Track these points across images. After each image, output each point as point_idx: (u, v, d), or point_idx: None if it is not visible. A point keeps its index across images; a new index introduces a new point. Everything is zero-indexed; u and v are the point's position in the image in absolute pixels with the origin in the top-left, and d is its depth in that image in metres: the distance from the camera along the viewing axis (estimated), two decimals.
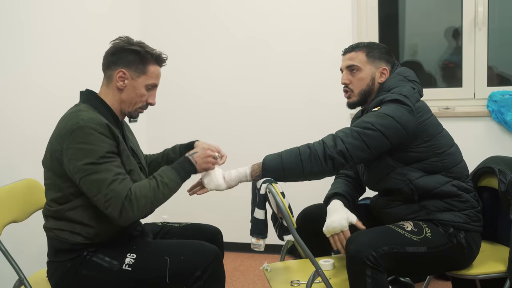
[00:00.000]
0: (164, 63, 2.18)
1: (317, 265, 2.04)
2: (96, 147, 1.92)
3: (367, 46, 2.33)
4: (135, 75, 2.09)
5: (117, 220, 1.93)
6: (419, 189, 2.16)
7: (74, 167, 1.93)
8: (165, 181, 2.00)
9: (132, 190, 1.93)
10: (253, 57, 3.86)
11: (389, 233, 2.07)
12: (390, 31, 3.94)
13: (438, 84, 3.82)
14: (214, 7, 3.92)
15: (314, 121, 3.71)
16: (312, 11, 3.71)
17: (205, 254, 2.04)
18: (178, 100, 4.07)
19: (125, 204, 1.91)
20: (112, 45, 2.13)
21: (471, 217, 2.17)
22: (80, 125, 1.93)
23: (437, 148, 2.17)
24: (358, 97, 2.32)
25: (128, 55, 2.08)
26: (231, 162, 2.34)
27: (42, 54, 3.04)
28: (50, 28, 3.11)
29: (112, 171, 1.93)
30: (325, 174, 2.12)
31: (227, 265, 3.69)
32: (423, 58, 3.89)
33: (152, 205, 1.99)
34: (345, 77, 2.33)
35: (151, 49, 2.12)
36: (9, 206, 2.27)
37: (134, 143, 2.32)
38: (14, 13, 2.83)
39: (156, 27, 4.06)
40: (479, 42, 3.48)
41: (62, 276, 2.04)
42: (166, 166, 2.08)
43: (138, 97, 2.12)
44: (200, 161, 2.11)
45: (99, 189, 1.91)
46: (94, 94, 2.13)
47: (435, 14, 3.86)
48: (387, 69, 2.31)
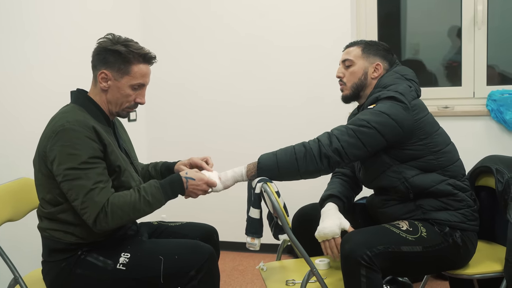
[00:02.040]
0: (151, 61, 2.11)
1: (312, 265, 2.03)
2: (79, 151, 1.91)
3: (365, 43, 2.37)
4: (118, 76, 2.05)
5: (91, 227, 1.93)
6: (414, 188, 2.14)
7: (56, 170, 1.93)
8: (148, 198, 1.97)
9: (109, 202, 1.92)
10: (253, 55, 3.85)
11: (384, 233, 2.06)
12: (391, 30, 3.93)
13: (442, 83, 3.79)
14: (214, 4, 3.91)
15: (315, 118, 3.69)
16: (311, 9, 3.69)
17: (200, 254, 2.03)
18: (177, 99, 4.06)
19: (100, 215, 1.90)
20: (98, 45, 2.08)
21: (467, 216, 2.16)
22: (65, 127, 1.93)
23: (433, 146, 2.16)
24: (350, 90, 2.33)
25: (110, 55, 2.03)
26: (232, 161, 2.34)
27: (42, 52, 3.04)
28: (51, 26, 3.11)
29: (92, 179, 1.91)
30: (320, 173, 2.11)
31: (225, 265, 3.71)
32: (425, 57, 3.87)
33: (129, 219, 1.98)
34: (339, 71, 2.38)
35: (137, 48, 2.05)
36: (4, 205, 2.27)
37: (127, 143, 2.31)
38: (15, 11, 2.83)
39: (156, 26, 4.06)
40: (479, 41, 3.47)
41: (56, 275, 2.04)
42: (155, 182, 2.03)
43: (123, 98, 2.08)
44: (192, 189, 2.06)
45: (77, 195, 1.91)
46: (84, 94, 2.11)
47: (436, 13, 3.84)
48: (380, 64, 2.31)
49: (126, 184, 2.05)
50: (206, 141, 3.99)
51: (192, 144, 4.01)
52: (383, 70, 2.32)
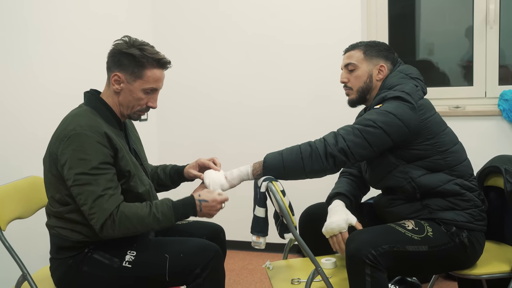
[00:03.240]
0: (165, 66, 2.11)
1: (317, 263, 2.03)
2: (90, 156, 1.93)
3: (365, 45, 2.34)
4: (131, 79, 2.05)
5: (98, 233, 1.95)
6: (421, 187, 2.13)
7: (66, 174, 1.95)
8: (158, 215, 1.98)
9: (119, 210, 1.94)
10: (263, 55, 3.85)
11: (389, 232, 2.06)
12: (405, 29, 3.91)
13: (457, 83, 3.73)
14: (223, 5, 3.92)
15: (325, 117, 3.68)
16: (320, 7, 3.68)
17: (205, 252, 2.03)
18: (187, 100, 4.08)
19: (108, 222, 1.92)
20: (113, 47, 2.09)
21: (474, 216, 2.14)
22: (77, 132, 1.94)
23: (440, 146, 2.14)
24: (356, 94, 2.32)
25: (124, 58, 2.04)
26: (242, 161, 2.33)
27: (49, 54, 3.06)
28: (57, 27, 3.13)
29: (101, 185, 1.93)
30: (326, 172, 2.11)
31: (235, 264, 3.71)
32: (440, 57, 3.85)
33: (135, 231, 1.99)
34: (343, 76, 2.36)
35: (151, 52, 2.05)
36: (14, 203, 2.29)
37: (137, 144, 2.32)
38: (26, 14, 2.86)
39: (167, 27, 4.07)
40: (491, 40, 3.44)
41: (64, 273, 2.06)
42: (168, 201, 2.04)
43: (135, 101, 2.09)
44: (205, 210, 2.07)
45: (86, 200, 1.93)
46: (96, 96, 2.13)
47: (450, 12, 3.81)
48: (384, 66, 2.30)
49: (134, 189, 2.07)
50: (217, 141, 4.00)
51: (203, 145, 4.02)
52: (388, 71, 2.31)
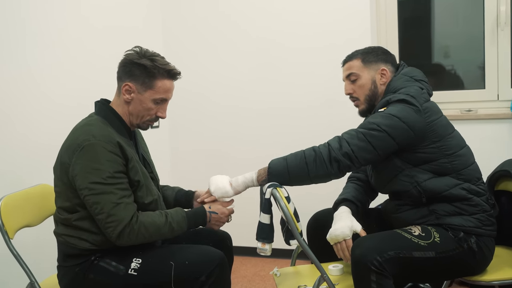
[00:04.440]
0: (175, 77, 2.15)
1: (322, 270, 2.02)
2: (105, 166, 1.95)
3: (362, 53, 2.33)
4: (142, 89, 2.09)
5: (113, 241, 1.98)
6: (427, 192, 2.10)
7: (80, 184, 1.97)
8: (173, 225, 2.06)
9: (138, 220, 1.99)
10: (270, 59, 3.85)
11: (395, 238, 2.03)
12: (417, 32, 3.87)
13: (473, 86, 3.66)
14: (228, 9, 3.93)
15: (333, 120, 3.65)
16: (329, 8, 3.66)
17: (210, 259, 2.03)
18: (197, 107, 4.09)
19: (126, 230, 1.95)
20: (124, 57, 2.13)
21: (483, 221, 2.10)
22: (91, 142, 1.96)
23: (447, 149, 2.11)
24: (365, 104, 2.31)
25: (136, 69, 2.07)
26: (253, 165, 2.34)
27: (58, 67, 3.08)
28: (70, 39, 3.16)
29: (117, 194, 1.96)
30: (330, 177, 2.09)
31: (247, 270, 3.70)
32: (455, 60, 3.81)
33: (151, 239, 2.05)
34: (348, 87, 2.34)
35: (162, 63, 2.09)
36: (22, 211, 2.32)
37: (146, 153, 2.34)
38: (41, 24, 2.90)
39: (174, 35, 4.10)
40: (502, 42, 3.40)
41: (70, 280, 2.07)
42: (181, 211, 2.14)
43: (145, 111, 2.12)
44: (214, 222, 2.21)
45: (103, 209, 1.95)
46: (107, 105, 2.15)
47: (463, 15, 3.77)
48: (386, 69, 2.28)
49: (140, 199, 2.08)
50: (226, 146, 4.02)
51: (213, 150, 4.05)
52: (390, 73, 2.29)
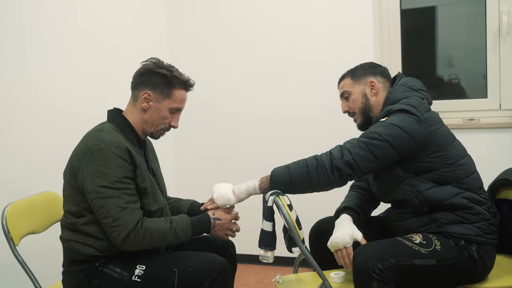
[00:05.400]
0: (191, 88, 2.24)
1: (324, 277, 2.04)
2: (113, 171, 1.99)
3: (351, 71, 2.42)
4: (160, 98, 2.15)
5: (118, 245, 2.00)
6: (428, 201, 2.12)
7: (88, 187, 2.00)
8: (177, 231, 2.09)
9: (144, 225, 2.01)
10: (274, 69, 3.87)
11: (396, 245, 2.05)
12: (421, 42, 3.90)
13: (479, 95, 3.66)
14: (235, 21, 3.97)
15: (335, 129, 3.66)
16: (332, 22, 3.70)
17: (213, 266, 2.05)
18: (202, 115, 4.12)
19: (131, 235, 1.98)
20: (142, 66, 2.20)
21: (484, 230, 2.12)
22: (100, 147, 2.00)
23: (448, 159, 2.14)
24: (360, 116, 2.38)
25: (155, 77, 2.14)
26: (257, 173, 2.36)
27: (64, 75, 3.11)
28: (71, 48, 3.19)
29: (124, 199, 1.99)
30: (332, 185, 2.12)
31: (250, 278, 3.72)
32: (459, 70, 3.83)
33: (155, 245, 2.07)
34: (343, 106, 2.44)
35: (179, 74, 2.18)
36: (28, 218, 2.35)
37: (155, 163, 2.38)
38: (41, 30, 2.94)
39: (180, 42, 4.13)
40: (504, 52, 3.41)
41: (75, 286, 2.10)
42: (186, 218, 2.16)
43: (160, 119, 2.18)
44: (218, 229, 2.22)
45: (109, 213, 1.98)
46: (119, 114, 2.20)
47: (466, 25, 3.79)
48: (374, 81, 2.35)
49: (146, 206, 2.11)
50: (231, 154, 4.04)
51: (217, 158, 4.07)
52: (380, 84, 2.35)
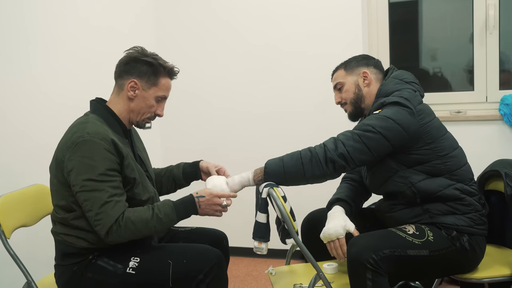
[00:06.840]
0: (175, 76, 2.22)
1: (318, 268, 2.05)
2: (98, 163, 1.96)
3: (344, 62, 2.44)
4: (146, 86, 2.13)
5: (103, 238, 1.98)
6: (421, 192, 2.15)
7: (73, 180, 1.98)
8: (161, 216, 2.02)
9: (124, 216, 1.97)
10: (264, 62, 3.88)
11: (390, 236, 2.07)
12: (406, 35, 3.92)
13: (462, 88, 3.72)
14: (225, 14, 3.96)
15: (327, 123, 3.68)
16: (321, 16, 3.71)
17: (208, 258, 2.06)
18: (190, 108, 4.11)
19: (113, 228, 1.95)
20: (126, 55, 2.16)
21: (475, 221, 2.15)
22: (85, 138, 1.97)
23: (440, 151, 2.16)
24: (351, 106, 2.40)
25: (141, 66, 2.12)
26: (246, 167, 2.35)
27: (51, 64, 3.09)
28: (62, 38, 3.17)
29: (108, 192, 1.96)
30: (326, 177, 2.13)
31: (239, 270, 3.73)
32: (443, 63, 3.86)
33: (140, 234, 2.02)
34: (336, 97, 2.45)
35: (164, 62, 2.16)
36: (19, 211, 2.33)
37: (142, 151, 2.36)
38: (34, 27, 2.91)
39: (168, 35, 4.11)
40: (491, 45, 3.46)
41: (68, 279, 2.08)
42: (168, 200, 2.08)
43: (147, 108, 2.16)
44: (204, 206, 2.09)
45: (92, 206, 1.96)
46: (103, 104, 2.17)
47: (451, 19, 3.83)
48: (367, 71, 2.37)
49: (137, 196, 2.10)
50: (219, 147, 4.03)
51: (206, 151, 4.04)
52: (373, 75, 2.36)
